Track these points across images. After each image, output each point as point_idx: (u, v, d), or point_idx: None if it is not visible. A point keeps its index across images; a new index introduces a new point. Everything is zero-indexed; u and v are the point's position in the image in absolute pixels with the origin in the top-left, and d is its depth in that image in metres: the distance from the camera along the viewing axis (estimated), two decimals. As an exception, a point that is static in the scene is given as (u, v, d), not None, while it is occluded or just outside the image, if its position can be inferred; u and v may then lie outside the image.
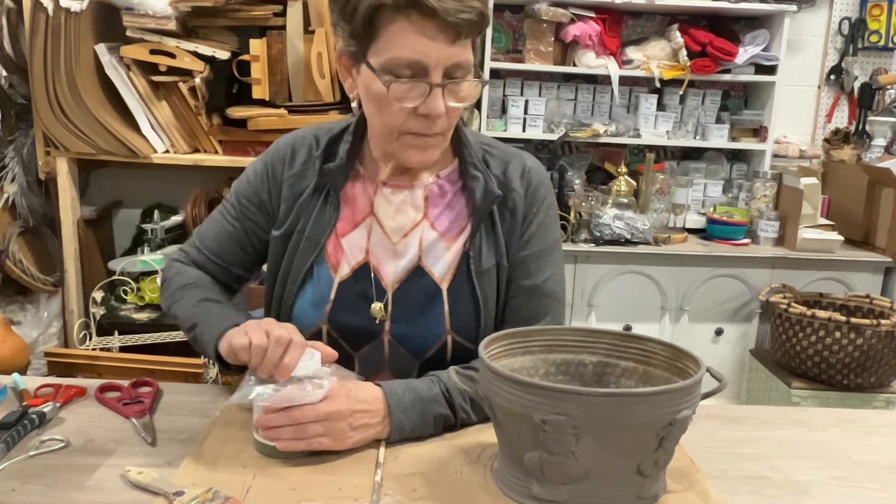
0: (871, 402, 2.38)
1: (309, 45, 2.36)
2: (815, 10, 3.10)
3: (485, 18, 0.99)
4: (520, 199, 1.14)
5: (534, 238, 1.15)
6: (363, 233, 1.13)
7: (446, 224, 1.14)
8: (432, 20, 0.95)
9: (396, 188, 1.14)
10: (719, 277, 2.76)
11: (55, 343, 2.54)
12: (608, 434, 0.80)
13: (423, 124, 1.02)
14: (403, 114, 1.01)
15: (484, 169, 1.13)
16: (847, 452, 1.05)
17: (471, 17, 0.96)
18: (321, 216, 1.13)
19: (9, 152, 2.48)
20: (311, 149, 1.17)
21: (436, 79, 0.99)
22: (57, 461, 0.94)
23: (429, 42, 0.96)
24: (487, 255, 1.12)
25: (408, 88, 0.99)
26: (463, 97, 1.03)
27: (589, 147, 3.10)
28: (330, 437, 0.95)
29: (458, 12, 0.95)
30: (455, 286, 1.11)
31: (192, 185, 2.59)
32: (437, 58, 0.98)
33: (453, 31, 0.96)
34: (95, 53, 2.32)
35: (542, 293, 1.15)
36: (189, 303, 1.13)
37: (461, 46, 0.99)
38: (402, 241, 1.12)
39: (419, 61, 0.98)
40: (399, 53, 0.98)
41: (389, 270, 1.12)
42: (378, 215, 1.14)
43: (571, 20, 2.80)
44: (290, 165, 1.16)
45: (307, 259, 1.12)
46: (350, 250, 1.13)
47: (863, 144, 3.15)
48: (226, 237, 1.20)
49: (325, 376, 0.96)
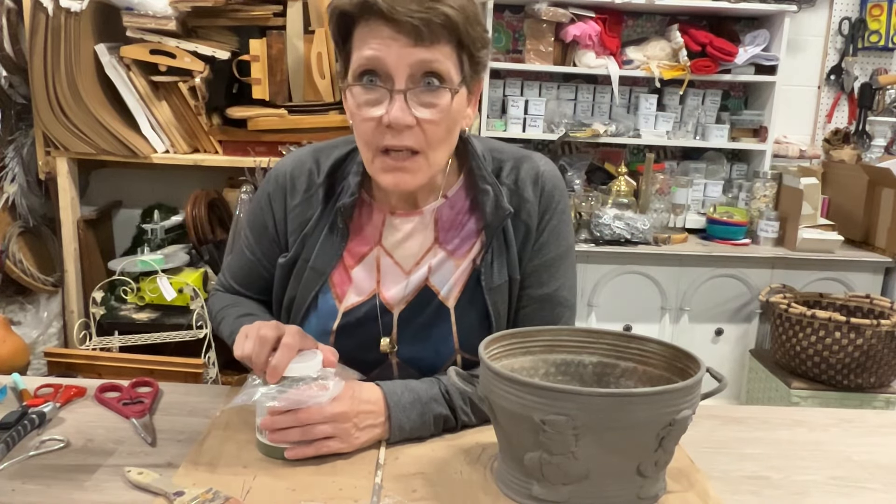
0: (871, 402, 2.38)
1: (309, 45, 2.36)
2: (815, 10, 3.10)
3: (454, 23, 0.93)
4: (533, 207, 1.10)
5: (546, 246, 1.11)
6: (372, 263, 1.11)
7: (456, 243, 1.11)
8: (387, 23, 0.92)
9: (405, 216, 1.11)
10: (719, 277, 2.76)
11: (55, 343, 2.54)
12: (608, 434, 0.80)
13: (392, 137, 0.97)
14: (371, 126, 0.97)
15: (494, 181, 1.09)
16: (847, 452, 1.05)
17: (428, 18, 0.92)
18: (327, 245, 1.10)
19: (9, 152, 2.48)
20: (311, 175, 1.13)
21: (398, 85, 0.94)
22: (57, 461, 0.94)
23: (385, 44, 0.93)
24: (500, 270, 1.09)
25: (368, 93, 0.96)
26: (436, 107, 0.96)
27: (589, 147, 3.10)
28: (338, 439, 0.95)
29: (412, 13, 0.91)
30: (462, 304, 1.09)
31: (192, 185, 2.59)
32: (397, 61, 0.93)
33: (412, 33, 0.92)
34: (95, 53, 2.32)
35: (555, 302, 1.13)
36: (228, 321, 1.16)
37: (429, 51, 0.94)
38: (414, 269, 1.10)
39: (380, 66, 0.94)
40: (359, 58, 0.95)
41: (395, 294, 1.10)
42: (386, 245, 1.11)
43: (571, 20, 2.80)
44: (293, 195, 1.13)
45: (311, 289, 1.11)
46: (359, 281, 1.11)
47: (863, 144, 3.16)
48: (247, 269, 1.21)
49: (329, 377, 0.96)
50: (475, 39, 0.98)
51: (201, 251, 2.52)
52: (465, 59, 0.99)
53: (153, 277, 2.33)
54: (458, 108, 1.00)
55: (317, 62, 2.37)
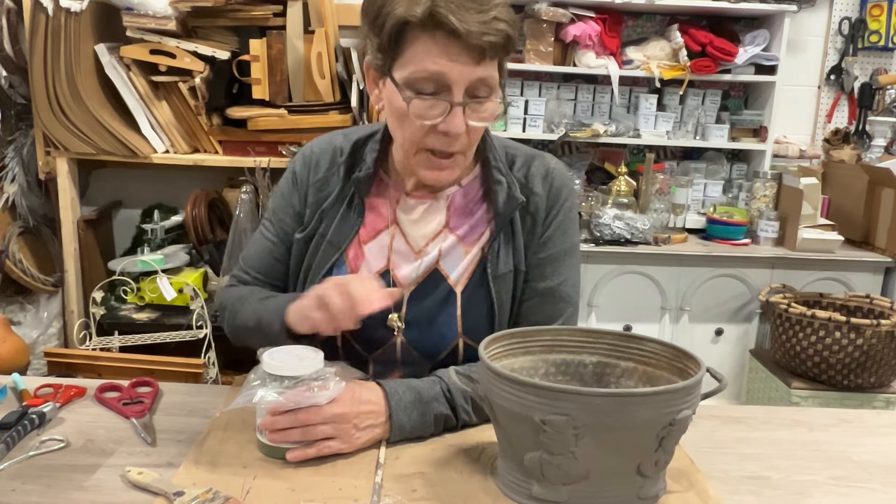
0: (871, 402, 2.38)
1: (309, 45, 2.36)
2: (815, 10, 3.10)
3: (511, 41, 0.99)
4: (541, 202, 1.14)
5: (551, 240, 1.15)
6: (385, 241, 1.14)
7: (466, 229, 1.14)
8: (456, 40, 0.95)
9: (420, 198, 1.15)
10: (719, 277, 2.76)
11: (55, 343, 2.54)
12: (608, 434, 0.80)
13: (442, 142, 1.03)
14: (423, 130, 1.02)
15: (507, 172, 1.14)
16: (847, 452, 1.05)
17: (496, 41, 0.96)
18: (344, 222, 1.14)
19: (9, 152, 2.48)
20: (335, 154, 1.17)
21: (457, 97, 0.99)
22: (57, 461, 0.94)
23: (451, 61, 0.97)
24: (505, 259, 1.12)
25: (428, 105, 1.00)
26: (485, 117, 1.03)
27: (589, 147, 3.10)
28: (339, 440, 0.95)
29: (482, 35, 0.95)
30: (469, 290, 1.12)
31: (192, 185, 2.59)
32: (459, 77, 0.98)
33: (477, 52, 0.96)
34: (95, 53, 2.32)
35: (557, 297, 1.15)
36: (248, 308, 1.14)
37: (486, 67, 0.99)
38: (424, 249, 1.13)
39: (441, 79, 0.98)
40: (421, 71, 0.98)
41: (407, 274, 1.13)
42: (401, 224, 1.15)
43: (571, 20, 2.80)
44: (315, 171, 1.17)
45: (326, 262, 1.13)
46: (372, 257, 1.14)
47: (863, 144, 3.16)
48: (267, 255, 1.20)
49: (330, 377, 0.96)
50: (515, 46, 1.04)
51: (201, 251, 2.52)
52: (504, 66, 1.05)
53: (153, 277, 2.33)
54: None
55: (317, 62, 2.37)
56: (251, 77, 2.37)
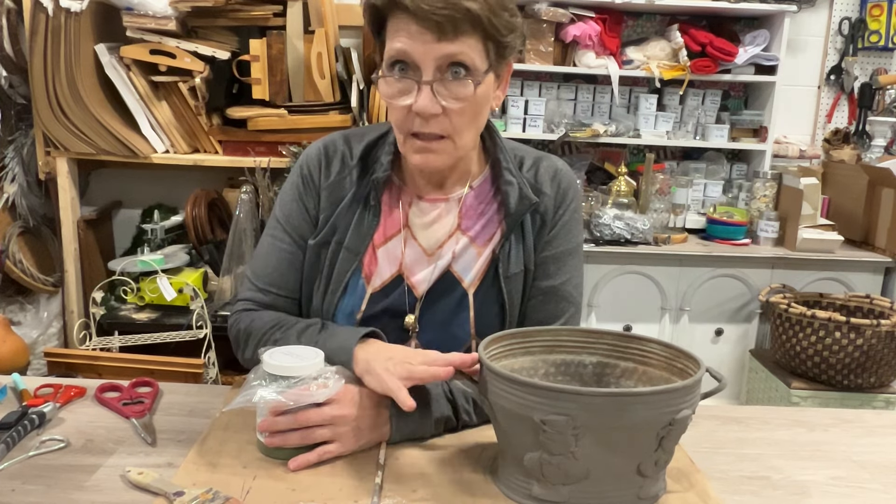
0: (871, 402, 2.38)
1: (309, 45, 2.36)
2: (815, 10, 3.10)
3: (474, 16, 0.96)
4: (549, 201, 1.15)
5: (556, 239, 1.15)
6: (398, 245, 1.13)
7: (478, 230, 1.14)
8: (413, 18, 0.96)
9: (432, 201, 1.15)
10: (719, 277, 2.76)
11: (55, 343, 2.54)
12: (608, 434, 0.80)
13: (419, 123, 1.02)
14: (403, 113, 1.02)
15: (518, 173, 1.14)
16: (847, 452, 1.05)
17: (452, 14, 0.95)
18: (360, 225, 1.13)
19: (9, 152, 2.48)
20: (344, 157, 1.16)
21: (425, 76, 0.99)
22: (57, 461, 0.94)
23: (411, 39, 0.97)
24: (516, 260, 1.12)
25: (395, 84, 1.01)
26: (461, 97, 1.00)
27: (589, 147, 3.10)
28: (339, 443, 0.95)
29: (436, 10, 0.94)
30: (481, 291, 1.12)
31: (192, 185, 2.59)
32: (424, 55, 0.98)
33: (436, 28, 0.96)
34: (95, 53, 2.32)
35: (560, 296, 1.15)
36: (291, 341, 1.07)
37: (453, 44, 0.97)
38: (438, 252, 1.13)
39: (408, 58, 0.99)
40: (390, 51, 1.00)
41: (421, 278, 1.13)
42: (412, 228, 1.14)
43: (571, 20, 2.80)
44: (326, 174, 1.15)
45: (347, 269, 1.12)
46: (384, 262, 1.13)
47: (863, 144, 3.15)
48: (287, 266, 1.15)
49: (330, 376, 0.96)
50: (501, 27, 1.01)
51: (201, 251, 2.52)
52: (492, 47, 1.02)
53: (153, 277, 2.33)
54: (484, 93, 1.03)
55: (317, 62, 2.37)
56: (251, 77, 2.37)
